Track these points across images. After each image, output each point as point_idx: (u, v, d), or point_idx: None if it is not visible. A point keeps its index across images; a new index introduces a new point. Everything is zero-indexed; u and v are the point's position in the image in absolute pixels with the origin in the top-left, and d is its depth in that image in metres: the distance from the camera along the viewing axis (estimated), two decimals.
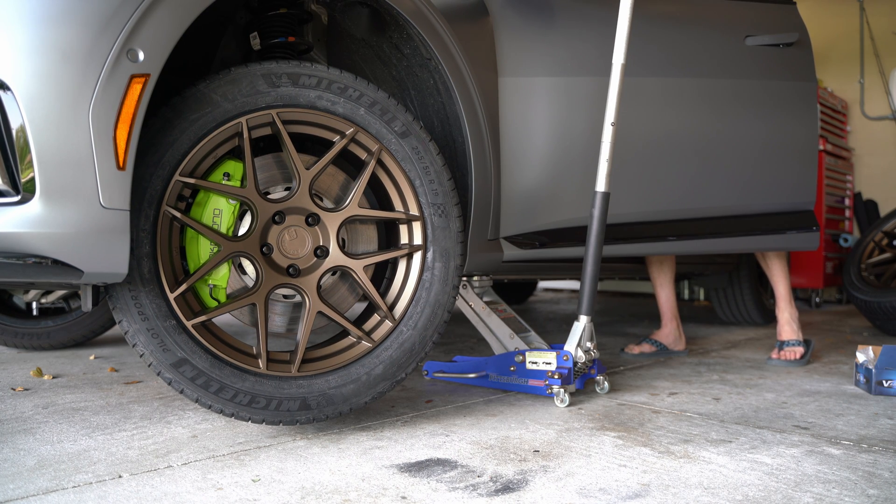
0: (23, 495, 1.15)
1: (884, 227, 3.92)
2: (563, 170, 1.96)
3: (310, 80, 1.45)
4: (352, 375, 1.51)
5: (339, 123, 1.49)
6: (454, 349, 2.73)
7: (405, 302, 1.58)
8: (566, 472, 1.29)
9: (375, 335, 1.56)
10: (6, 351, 2.71)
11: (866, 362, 2.07)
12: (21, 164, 1.11)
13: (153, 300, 1.34)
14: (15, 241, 1.11)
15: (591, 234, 1.84)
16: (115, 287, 1.32)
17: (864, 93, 5.54)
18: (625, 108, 1.93)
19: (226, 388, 1.40)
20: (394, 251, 1.59)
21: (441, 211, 1.59)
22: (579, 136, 1.96)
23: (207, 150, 1.40)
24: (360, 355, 1.53)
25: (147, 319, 1.34)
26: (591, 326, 1.86)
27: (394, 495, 1.17)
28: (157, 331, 1.34)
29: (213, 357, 1.39)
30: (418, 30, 1.62)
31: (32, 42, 1.11)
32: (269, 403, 1.43)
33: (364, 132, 1.51)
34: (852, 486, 1.24)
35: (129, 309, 1.33)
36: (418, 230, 1.58)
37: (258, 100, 1.41)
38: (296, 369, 1.46)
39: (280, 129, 1.43)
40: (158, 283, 1.35)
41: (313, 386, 1.47)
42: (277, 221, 1.49)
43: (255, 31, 1.67)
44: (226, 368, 1.40)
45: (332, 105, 1.48)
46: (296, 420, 1.46)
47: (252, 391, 1.42)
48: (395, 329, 1.56)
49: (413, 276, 1.59)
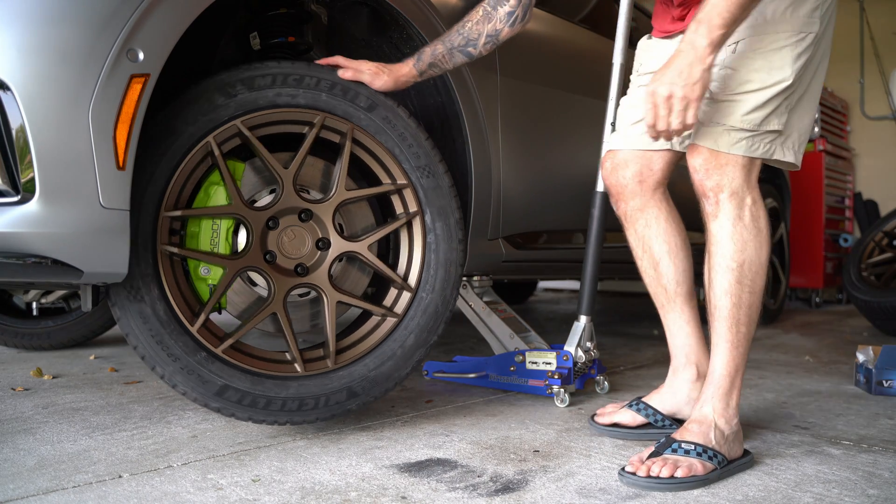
0: (23, 495, 1.15)
1: (884, 227, 3.92)
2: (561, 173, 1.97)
3: (264, 80, 1.42)
4: (387, 353, 1.53)
5: (305, 115, 1.47)
6: (454, 349, 2.73)
7: (417, 269, 1.58)
8: (566, 472, 1.29)
9: (398, 308, 1.57)
10: (6, 351, 2.71)
11: (866, 362, 2.07)
12: (21, 163, 1.11)
13: (178, 339, 1.34)
14: (15, 241, 1.11)
15: (591, 234, 1.84)
16: (138, 335, 1.32)
17: (864, 93, 5.54)
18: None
19: (273, 400, 1.41)
20: (392, 223, 1.58)
21: (427, 172, 1.56)
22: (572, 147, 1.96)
23: (184, 177, 1.38)
24: (389, 332, 1.54)
25: (178, 359, 1.34)
26: (591, 326, 1.86)
27: (394, 495, 1.17)
28: (191, 367, 1.35)
29: (252, 374, 1.41)
30: (418, 30, 1.62)
31: (32, 42, 1.11)
32: (318, 402, 1.45)
33: (332, 116, 1.49)
34: (852, 486, 1.24)
35: (158, 354, 1.33)
36: (410, 196, 1.57)
37: (219, 114, 1.38)
38: (333, 362, 1.48)
39: (249, 137, 1.41)
40: (177, 321, 1.35)
41: (354, 373, 1.50)
42: (272, 227, 1.48)
43: (255, 31, 1.67)
44: (267, 382, 1.41)
45: (293, 98, 1.45)
46: (348, 410, 1.49)
47: (299, 395, 1.43)
48: (415, 297, 1.57)
49: (418, 242, 1.59)
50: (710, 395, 1.33)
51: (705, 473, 1.23)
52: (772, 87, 1.27)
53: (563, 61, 2.17)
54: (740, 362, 1.33)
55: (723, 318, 1.31)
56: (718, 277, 1.31)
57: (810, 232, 4.93)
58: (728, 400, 1.32)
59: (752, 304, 1.31)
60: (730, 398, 1.33)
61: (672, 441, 1.28)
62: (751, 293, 1.31)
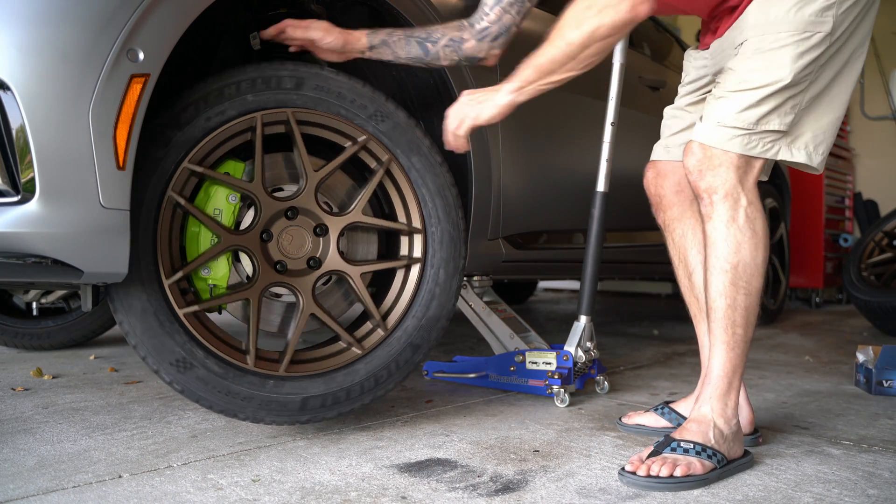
0: (23, 495, 1.15)
1: (884, 227, 3.92)
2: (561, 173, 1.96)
3: (187, 113, 1.36)
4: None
5: (245, 123, 1.43)
6: (454, 349, 2.73)
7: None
8: (566, 472, 1.29)
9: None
10: (6, 351, 2.71)
11: (866, 362, 2.07)
12: (21, 163, 1.11)
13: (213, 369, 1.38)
14: (15, 240, 1.11)
15: (591, 234, 1.84)
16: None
17: (864, 93, 5.54)
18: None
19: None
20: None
21: (380, 116, 1.53)
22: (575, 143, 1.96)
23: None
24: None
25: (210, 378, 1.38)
26: (591, 326, 1.86)
27: (394, 495, 1.17)
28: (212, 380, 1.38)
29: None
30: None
31: (32, 42, 1.11)
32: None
33: (268, 111, 1.44)
34: (852, 486, 1.24)
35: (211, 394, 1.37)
36: (376, 147, 1.55)
37: (166, 164, 1.35)
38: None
39: (206, 173, 1.39)
40: (215, 359, 1.38)
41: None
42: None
43: (255, 31, 1.67)
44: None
45: (224, 114, 1.40)
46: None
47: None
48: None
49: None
50: (707, 395, 1.32)
51: (704, 472, 1.23)
52: (768, 86, 1.26)
53: None
54: (737, 363, 1.32)
55: (718, 319, 1.31)
56: (713, 279, 1.31)
57: (810, 232, 4.93)
58: (726, 400, 1.32)
59: (749, 305, 1.30)
60: (728, 398, 1.32)
61: (671, 440, 1.28)
62: (746, 295, 1.30)
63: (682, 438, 1.28)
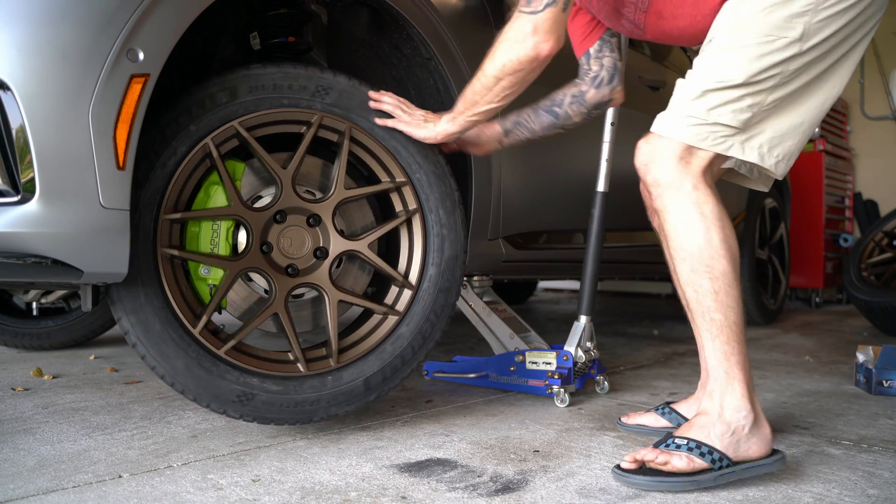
0: (23, 495, 1.15)
1: (884, 227, 3.92)
2: (561, 173, 1.96)
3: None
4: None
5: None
6: (454, 349, 2.73)
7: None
8: (566, 472, 1.29)
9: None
10: (6, 351, 2.71)
11: (866, 362, 2.07)
12: (21, 163, 1.11)
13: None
14: (15, 240, 1.11)
15: (591, 234, 1.84)
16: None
17: (864, 93, 5.54)
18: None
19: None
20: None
21: (323, 90, 1.49)
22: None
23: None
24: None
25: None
26: (591, 326, 1.86)
27: (394, 495, 1.17)
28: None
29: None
30: (418, 30, 1.62)
31: (32, 42, 1.11)
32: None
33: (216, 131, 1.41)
34: (852, 486, 1.24)
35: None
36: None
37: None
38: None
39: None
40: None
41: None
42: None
43: (255, 31, 1.67)
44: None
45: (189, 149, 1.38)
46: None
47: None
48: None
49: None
50: (709, 389, 1.29)
51: (690, 470, 1.19)
52: (719, 81, 1.23)
53: (563, 61, 2.17)
54: (729, 351, 1.25)
55: (693, 310, 1.29)
56: (678, 272, 1.29)
57: (810, 232, 4.93)
58: (729, 390, 1.25)
59: (717, 289, 1.24)
60: (730, 389, 1.25)
61: (669, 436, 1.27)
62: (711, 279, 1.24)
63: (679, 434, 1.25)
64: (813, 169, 4.91)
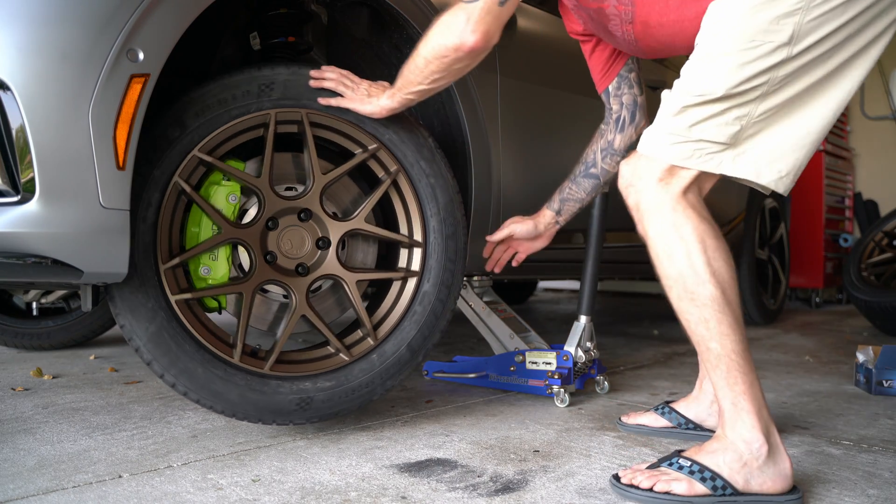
0: (23, 495, 1.15)
1: (884, 227, 3.92)
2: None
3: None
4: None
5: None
6: (454, 349, 2.73)
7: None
8: (566, 472, 1.29)
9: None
10: (6, 351, 2.71)
11: (866, 362, 2.07)
12: (21, 164, 1.11)
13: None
14: (15, 240, 1.11)
15: (591, 234, 1.84)
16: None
17: (864, 93, 5.54)
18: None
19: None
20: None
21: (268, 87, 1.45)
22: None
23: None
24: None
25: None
26: (591, 326, 1.86)
27: (394, 495, 1.17)
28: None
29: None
30: (418, 30, 1.61)
31: (32, 42, 1.11)
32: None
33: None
34: (852, 486, 1.24)
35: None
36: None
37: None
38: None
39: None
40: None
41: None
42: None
43: (255, 31, 1.67)
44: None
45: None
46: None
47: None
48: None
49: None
50: (721, 416, 1.20)
51: (688, 495, 1.12)
52: (699, 95, 1.14)
53: (563, 61, 2.17)
54: (731, 381, 1.16)
55: (693, 341, 1.20)
56: (670, 300, 1.22)
57: (810, 232, 4.93)
58: (738, 421, 1.16)
59: (708, 317, 1.16)
60: (738, 420, 1.16)
61: (675, 455, 1.21)
62: (699, 307, 1.16)
63: (685, 455, 1.19)
64: (813, 169, 4.91)
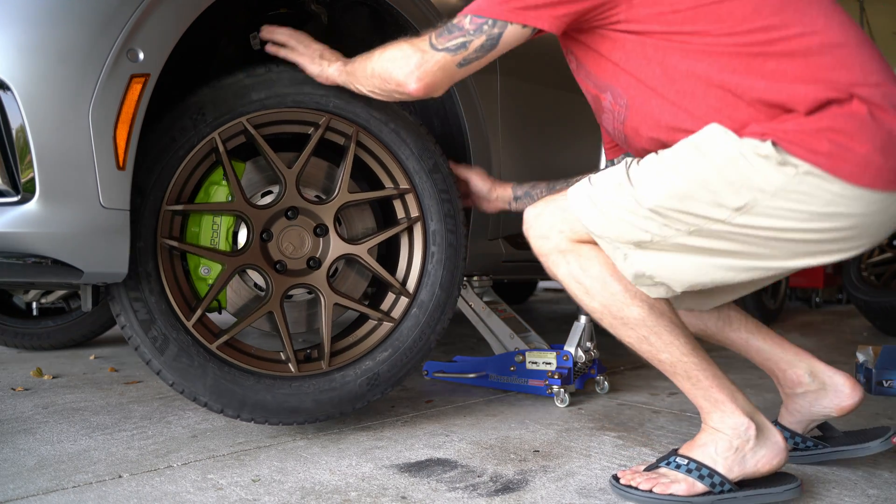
0: (23, 495, 1.15)
1: None
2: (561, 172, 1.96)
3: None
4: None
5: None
6: (454, 349, 2.73)
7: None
8: (566, 472, 1.29)
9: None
10: (6, 351, 2.71)
11: (866, 362, 2.07)
12: (21, 164, 1.11)
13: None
14: (15, 241, 1.11)
15: None
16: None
17: None
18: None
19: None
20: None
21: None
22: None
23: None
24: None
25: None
26: (591, 326, 1.86)
27: (394, 495, 1.17)
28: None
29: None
30: (418, 30, 1.61)
31: (32, 42, 1.11)
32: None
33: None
34: (852, 486, 1.24)
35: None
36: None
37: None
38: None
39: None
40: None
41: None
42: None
43: (255, 31, 1.67)
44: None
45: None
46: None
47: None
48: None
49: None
50: (702, 414, 1.20)
51: (688, 495, 1.12)
52: (634, 196, 1.11)
53: (563, 61, 2.17)
54: (695, 381, 1.15)
55: (643, 358, 1.20)
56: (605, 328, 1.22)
57: None
58: (719, 413, 1.15)
59: (645, 335, 1.15)
60: (719, 411, 1.15)
61: (671, 454, 1.20)
62: (633, 328, 1.16)
63: (681, 453, 1.18)
64: None
